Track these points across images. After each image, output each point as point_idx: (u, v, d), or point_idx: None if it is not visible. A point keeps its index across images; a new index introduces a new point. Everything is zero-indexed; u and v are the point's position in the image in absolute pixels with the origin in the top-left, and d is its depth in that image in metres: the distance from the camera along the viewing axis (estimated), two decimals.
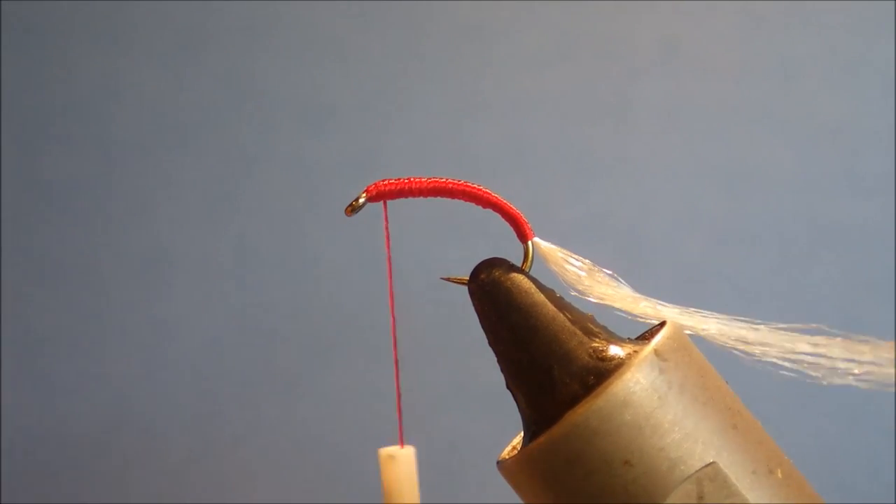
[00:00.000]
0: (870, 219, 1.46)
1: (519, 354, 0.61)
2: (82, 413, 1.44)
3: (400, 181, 0.63)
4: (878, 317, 1.46)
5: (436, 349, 1.45)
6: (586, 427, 0.57)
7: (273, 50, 1.46)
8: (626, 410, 0.57)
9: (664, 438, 0.57)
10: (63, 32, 1.45)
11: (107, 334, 1.45)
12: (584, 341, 0.60)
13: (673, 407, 0.57)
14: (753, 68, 1.47)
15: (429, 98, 1.46)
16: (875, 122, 1.47)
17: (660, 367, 0.58)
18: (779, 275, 1.46)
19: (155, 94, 1.45)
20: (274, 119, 1.46)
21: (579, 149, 1.46)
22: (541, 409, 0.60)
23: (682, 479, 0.56)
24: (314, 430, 1.44)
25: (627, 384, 0.57)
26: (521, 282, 0.62)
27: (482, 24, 1.47)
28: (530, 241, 0.64)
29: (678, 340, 0.60)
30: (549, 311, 0.61)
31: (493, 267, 0.62)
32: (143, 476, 1.44)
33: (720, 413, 0.58)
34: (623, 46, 1.47)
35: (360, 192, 0.62)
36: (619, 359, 0.59)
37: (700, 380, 0.59)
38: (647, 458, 0.57)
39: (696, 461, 0.57)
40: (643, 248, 1.46)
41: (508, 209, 0.64)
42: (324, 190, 1.45)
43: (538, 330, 0.60)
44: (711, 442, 0.57)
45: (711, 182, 1.46)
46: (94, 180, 1.45)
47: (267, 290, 1.45)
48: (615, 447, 0.57)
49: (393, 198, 0.63)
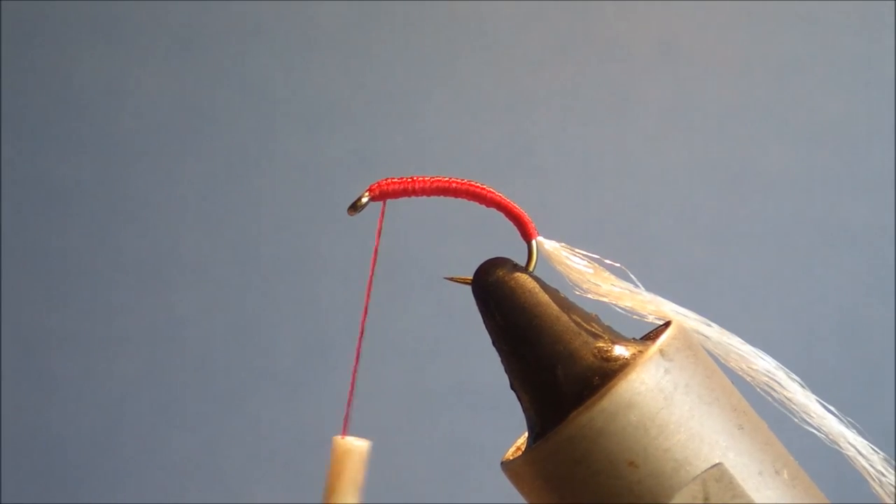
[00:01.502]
0: (870, 219, 1.46)
1: (523, 354, 0.60)
2: (82, 413, 1.44)
3: (403, 180, 0.62)
4: (878, 317, 1.46)
5: (438, 348, 1.45)
6: (591, 428, 0.57)
7: (273, 50, 1.46)
8: (631, 411, 0.57)
9: (669, 439, 0.57)
10: (63, 32, 1.45)
11: (107, 334, 1.44)
12: (588, 341, 0.60)
13: (678, 407, 0.57)
14: (753, 68, 1.47)
15: (430, 98, 1.46)
16: (875, 122, 1.47)
17: (665, 367, 0.58)
18: (779, 275, 1.46)
19: (155, 94, 1.45)
20: (274, 119, 1.45)
21: (580, 149, 1.46)
22: (545, 410, 0.59)
23: (688, 479, 0.56)
24: (314, 430, 1.44)
25: (632, 385, 0.57)
26: (524, 281, 0.61)
27: (483, 24, 1.47)
28: (534, 241, 0.64)
29: (683, 340, 0.60)
30: (553, 311, 0.61)
31: (497, 267, 0.62)
32: (143, 476, 1.44)
33: (726, 413, 0.58)
34: (623, 46, 1.47)
35: (363, 191, 0.62)
36: (623, 359, 0.59)
37: (706, 380, 0.59)
38: (653, 458, 0.56)
39: (702, 462, 0.57)
40: (643, 248, 1.46)
41: (512, 208, 0.64)
42: (324, 190, 1.45)
43: (542, 330, 0.60)
44: (717, 443, 0.57)
45: (711, 182, 1.46)
46: (94, 180, 1.45)
47: (267, 290, 1.45)
48: (620, 448, 0.57)
49: (396, 197, 0.62)
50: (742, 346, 0.62)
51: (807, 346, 1.45)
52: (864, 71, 1.47)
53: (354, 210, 0.62)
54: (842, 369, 1.45)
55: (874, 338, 1.46)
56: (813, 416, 0.61)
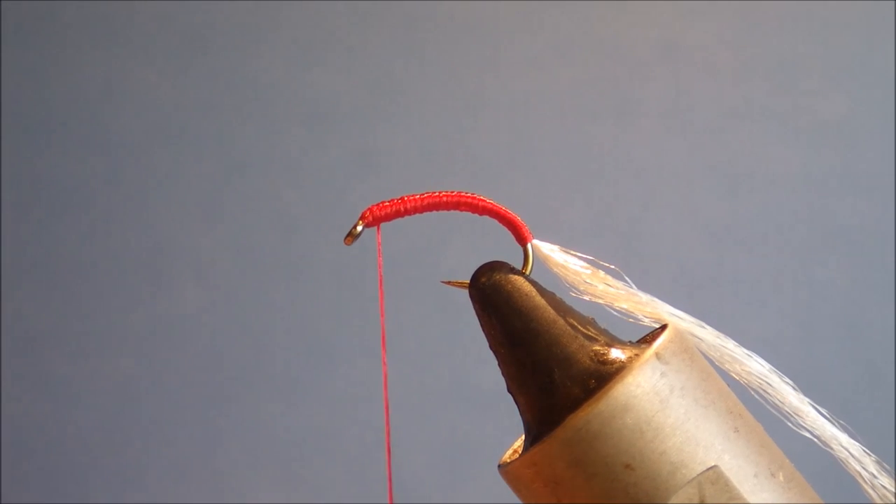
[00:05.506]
0: (870, 219, 1.46)
1: (520, 358, 0.61)
2: (82, 413, 1.44)
3: (394, 202, 0.63)
4: (878, 317, 1.46)
5: (437, 351, 1.45)
6: (587, 431, 0.57)
7: (273, 50, 1.46)
8: (628, 414, 0.57)
9: (665, 442, 0.57)
10: (63, 32, 1.45)
11: (107, 334, 1.45)
12: (585, 345, 0.60)
13: (674, 410, 0.57)
14: (753, 68, 1.47)
15: (429, 98, 1.46)
16: (875, 122, 1.47)
17: (661, 370, 0.58)
18: (779, 275, 1.46)
19: (155, 94, 1.45)
20: (274, 119, 1.46)
21: (580, 149, 1.46)
22: (542, 413, 0.60)
23: (684, 482, 0.57)
24: (314, 430, 1.45)
25: (629, 388, 0.57)
26: (521, 285, 0.62)
27: (483, 25, 1.47)
28: (529, 245, 0.64)
29: (680, 343, 0.60)
30: (549, 314, 0.61)
31: (494, 271, 0.62)
32: (143, 476, 1.44)
33: (722, 416, 0.58)
34: (624, 47, 1.47)
35: (357, 220, 0.62)
36: (620, 362, 0.59)
37: (702, 383, 0.59)
38: (649, 461, 0.57)
39: (698, 465, 0.57)
40: (643, 248, 1.46)
41: (505, 214, 0.64)
42: (323, 190, 1.45)
43: (539, 333, 0.60)
44: (713, 445, 0.57)
45: (711, 182, 1.47)
46: (94, 180, 1.45)
47: (267, 290, 1.45)
48: (616, 451, 0.57)
49: (389, 219, 0.63)
50: (736, 349, 0.62)
51: (807, 347, 1.45)
52: (864, 71, 1.47)
53: (351, 239, 0.63)
54: (842, 369, 1.45)
55: (874, 338, 1.46)
56: (806, 420, 0.62)
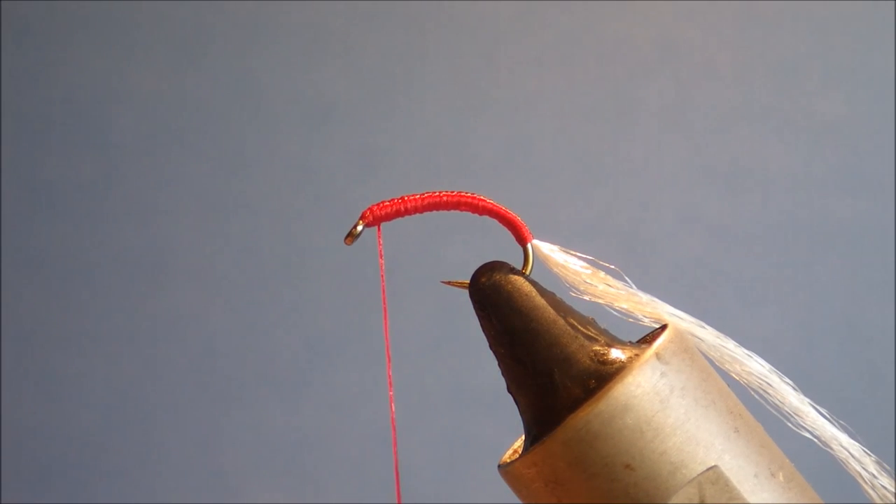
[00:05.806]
0: (870, 219, 1.46)
1: (520, 358, 0.61)
2: (82, 412, 1.44)
3: (394, 202, 0.63)
4: (878, 317, 1.46)
5: (436, 351, 1.45)
6: (587, 431, 0.57)
7: (273, 50, 1.46)
8: (628, 414, 0.57)
9: (665, 442, 0.57)
10: (63, 32, 1.45)
11: (106, 334, 1.45)
12: (585, 345, 0.60)
13: (674, 410, 0.57)
14: (753, 68, 1.47)
15: (430, 98, 1.46)
16: (875, 122, 1.47)
17: (661, 370, 0.58)
18: (779, 275, 1.46)
19: (155, 94, 1.45)
20: (274, 119, 1.46)
21: (580, 149, 1.46)
22: (542, 413, 0.60)
23: (684, 482, 0.57)
24: (314, 430, 1.45)
25: (629, 388, 0.57)
26: (521, 285, 0.62)
27: (483, 25, 1.47)
28: (529, 244, 0.64)
29: (680, 343, 0.60)
30: (549, 314, 0.61)
31: (494, 271, 0.62)
32: (142, 476, 1.44)
33: (722, 416, 0.58)
34: (623, 47, 1.47)
35: (357, 220, 0.62)
36: (620, 362, 0.59)
37: (702, 383, 0.59)
38: (649, 461, 0.57)
39: (698, 465, 0.57)
40: (643, 248, 1.46)
41: (505, 214, 0.64)
42: (324, 190, 1.45)
43: (539, 334, 0.60)
44: (713, 445, 0.57)
45: (711, 182, 1.47)
46: (93, 181, 1.45)
47: (267, 290, 1.45)
48: (616, 451, 0.57)
49: (389, 219, 0.63)
50: (736, 349, 0.62)
51: (807, 347, 1.45)
52: (864, 71, 1.47)
53: (351, 239, 0.63)
54: (842, 369, 1.45)
55: (874, 338, 1.46)
56: (806, 420, 0.62)
